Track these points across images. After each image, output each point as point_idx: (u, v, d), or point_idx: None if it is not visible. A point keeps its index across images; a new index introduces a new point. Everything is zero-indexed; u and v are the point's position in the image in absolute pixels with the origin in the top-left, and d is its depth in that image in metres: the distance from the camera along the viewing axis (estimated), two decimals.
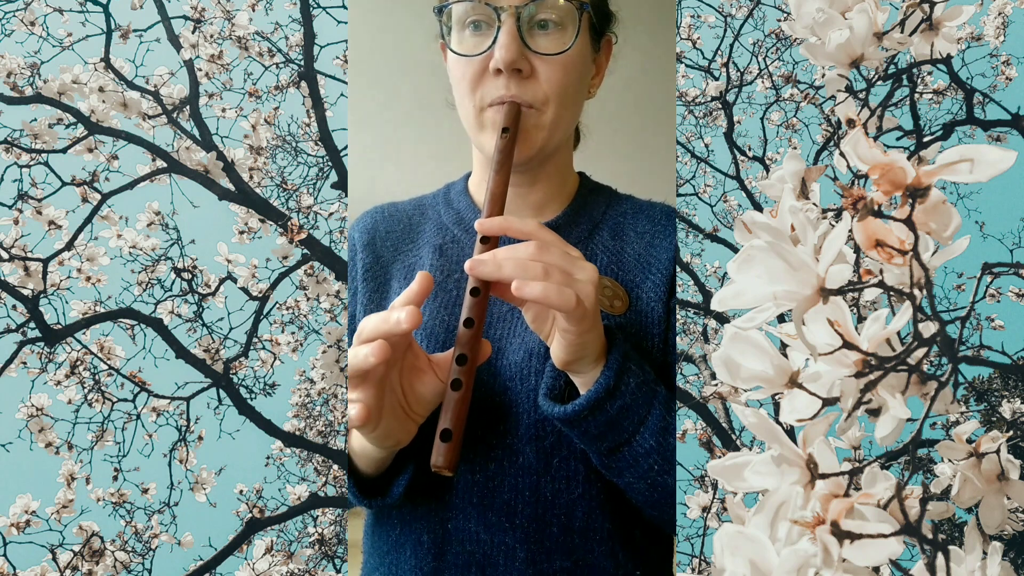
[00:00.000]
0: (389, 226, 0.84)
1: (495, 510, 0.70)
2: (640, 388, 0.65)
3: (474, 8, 0.72)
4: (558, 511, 0.70)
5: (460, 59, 0.74)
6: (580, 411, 0.64)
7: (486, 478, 0.70)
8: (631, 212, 0.82)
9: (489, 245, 0.64)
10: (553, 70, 0.72)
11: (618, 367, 0.64)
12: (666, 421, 0.66)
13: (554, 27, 0.72)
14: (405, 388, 0.64)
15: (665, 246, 0.78)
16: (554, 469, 0.70)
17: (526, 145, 0.73)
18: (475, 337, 0.62)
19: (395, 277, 0.81)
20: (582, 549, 0.70)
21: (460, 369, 0.61)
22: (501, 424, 0.71)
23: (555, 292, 0.59)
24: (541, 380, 0.70)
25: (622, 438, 0.65)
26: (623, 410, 0.64)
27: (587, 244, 0.79)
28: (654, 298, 0.75)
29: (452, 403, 0.60)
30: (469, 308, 0.63)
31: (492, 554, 0.70)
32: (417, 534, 0.72)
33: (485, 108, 0.73)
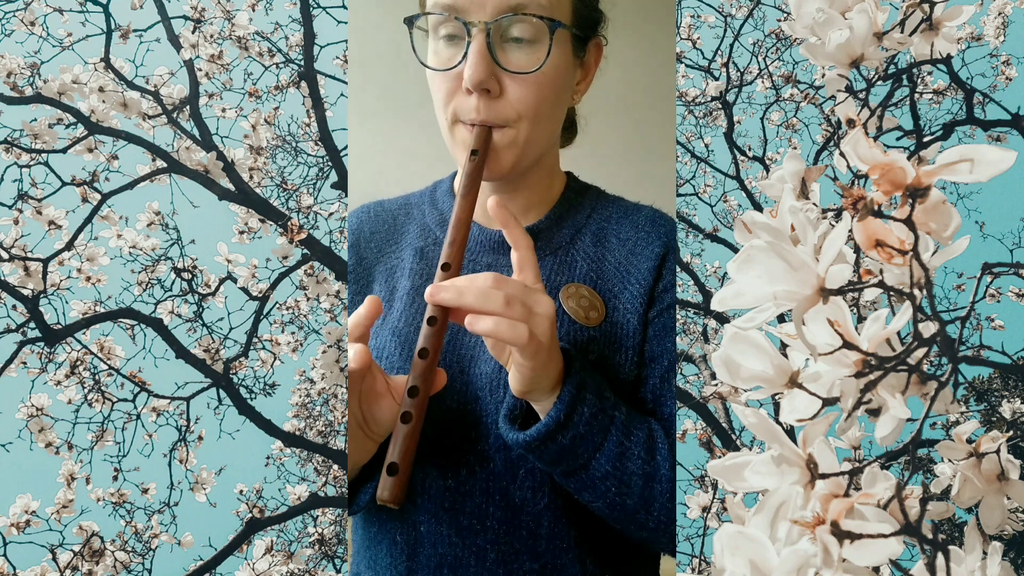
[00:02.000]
0: (374, 227, 0.84)
1: (466, 514, 0.70)
2: (595, 418, 0.64)
3: (445, 20, 0.70)
4: (526, 517, 0.70)
5: (434, 72, 0.72)
6: (532, 441, 0.64)
7: (457, 483, 0.71)
8: (616, 217, 0.80)
9: (450, 273, 0.64)
10: (525, 89, 0.70)
11: (570, 399, 0.63)
12: (623, 447, 0.65)
13: (527, 43, 0.70)
14: (364, 411, 0.64)
15: (647, 255, 0.77)
16: (520, 479, 0.70)
17: (497, 165, 0.71)
18: (429, 368, 0.61)
19: (376, 280, 0.80)
20: (549, 554, 0.70)
21: (411, 402, 0.60)
22: (472, 431, 0.71)
23: (506, 327, 0.58)
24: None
25: (577, 464, 0.65)
26: (576, 439, 0.64)
27: (568, 250, 0.78)
28: (630, 310, 0.74)
29: (401, 436, 0.59)
30: (425, 338, 0.61)
31: (463, 556, 0.70)
32: (392, 534, 0.73)
33: (457, 123, 0.72)
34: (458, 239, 0.65)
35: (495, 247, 0.78)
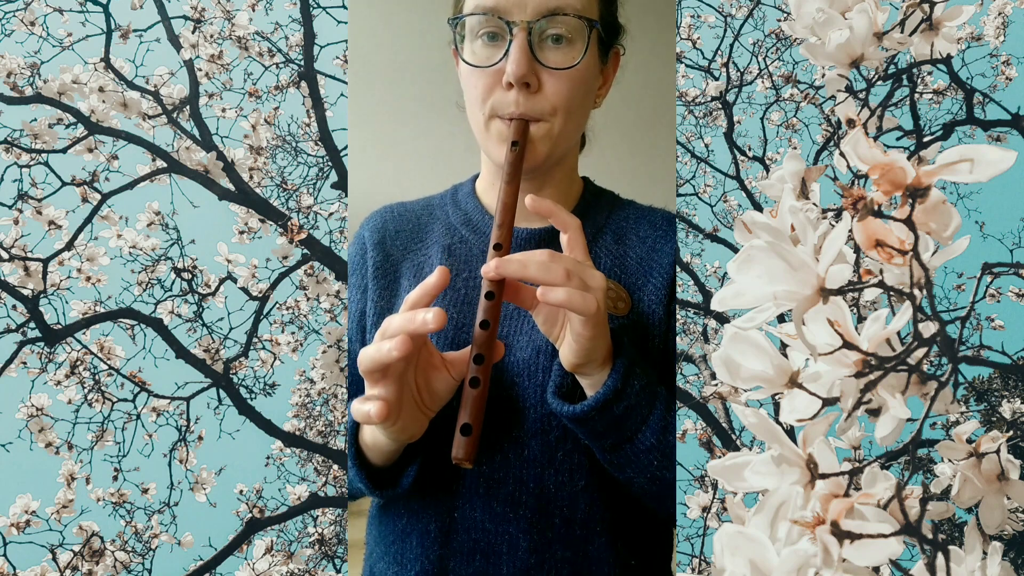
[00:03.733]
0: (398, 225, 0.86)
1: (500, 500, 0.72)
2: (644, 390, 0.67)
3: (488, 20, 0.74)
4: (561, 503, 0.72)
5: (472, 69, 0.75)
6: (588, 411, 0.67)
7: (492, 469, 0.73)
8: (633, 217, 0.84)
9: (501, 252, 0.67)
10: (561, 83, 0.74)
11: (625, 370, 0.66)
12: (666, 420, 0.68)
13: (565, 41, 0.74)
14: (420, 384, 0.66)
15: (666, 251, 0.80)
16: (558, 462, 0.72)
17: (532, 155, 0.75)
18: (491, 338, 0.65)
19: (404, 275, 0.82)
20: (583, 540, 0.72)
21: (477, 368, 0.64)
22: (508, 417, 0.73)
23: (578, 297, 0.62)
24: (548, 377, 0.72)
25: (625, 436, 0.68)
26: (628, 410, 0.67)
27: (591, 248, 0.81)
28: (655, 300, 0.77)
29: (471, 399, 0.62)
30: (485, 311, 0.65)
31: (496, 543, 0.72)
32: (424, 523, 0.74)
33: (493, 118, 0.75)
34: (507, 221, 0.69)
35: (522, 244, 0.81)
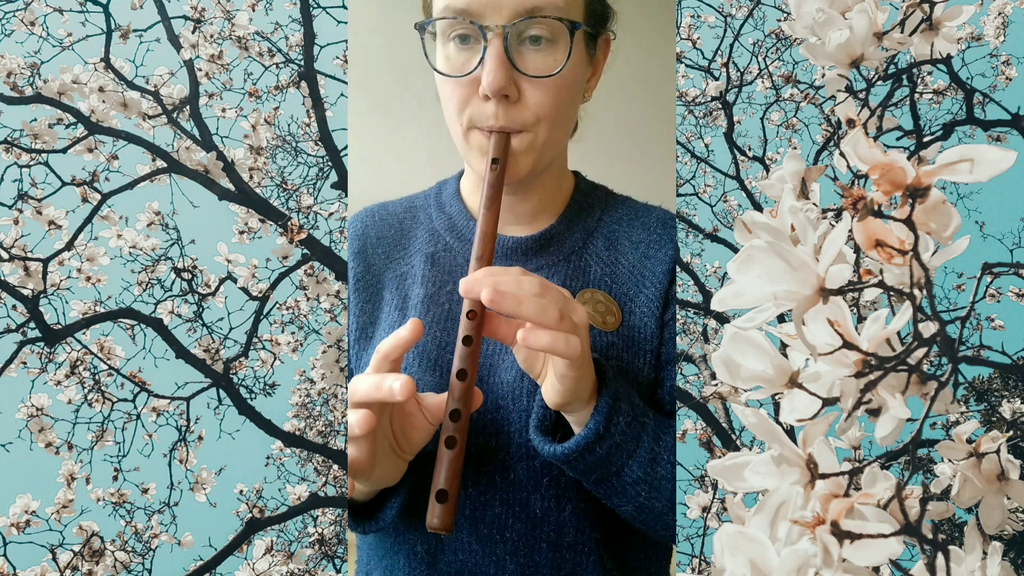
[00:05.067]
0: (380, 231, 0.81)
1: (486, 523, 0.70)
2: (629, 426, 0.64)
3: (459, 24, 0.67)
4: (548, 528, 0.69)
5: (446, 78, 0.69)
6: (569, 454, 0.63)
7: (478, 492, 0.70)
8: (627, 218, 0.79)
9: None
10: (543, 92, 0.68)
11: (607, 410, 0.63)
12: (654, 452, 0.65)
13: (545, 43, 0.67)
14: (396, 432, 0.63)
15: (661, 257, 0.76)
16: (544, 487, 0.69)
17: (515, 169, 0.70)
18: (468, 389, 0.60)
19: (387, 287, 0.79)
20: (571, 563, 0.70)
21: (454, 426, 0.59)
22: (493, 441, 0.70)
23: (563, 342, 0.57)
24: (532, 400, 0.69)
25: (611, 471, 0.65)
26: (612, 448, 0.64)
27: (581, 255, 0.77)
28: (647, 313, 0.73)
29: (447, 462, 0.57)
30: (461, 359, 0.60)
31: (483, 564, 0.70)
32: (411, 544, 0.72)
33: (472, 129, 0.70)
34: (486, 254, 0.64)
35: (507, 253, 0.77)
